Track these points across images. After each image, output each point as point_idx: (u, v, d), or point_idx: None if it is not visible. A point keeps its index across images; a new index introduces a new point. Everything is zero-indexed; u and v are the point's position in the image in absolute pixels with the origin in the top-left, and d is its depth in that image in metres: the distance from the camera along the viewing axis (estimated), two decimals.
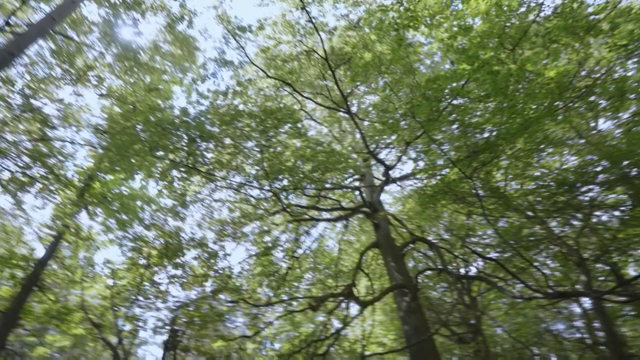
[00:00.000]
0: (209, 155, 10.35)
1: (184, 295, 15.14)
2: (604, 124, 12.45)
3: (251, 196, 11.12)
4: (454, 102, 8.63)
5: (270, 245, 14.37)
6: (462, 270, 14.72)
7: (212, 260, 13.56)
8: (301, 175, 9.53)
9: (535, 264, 12.40)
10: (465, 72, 6.93)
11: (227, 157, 9.86)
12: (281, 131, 9.68)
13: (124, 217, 13.52)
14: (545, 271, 13.29)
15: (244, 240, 14.01)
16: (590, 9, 8.21)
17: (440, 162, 10.74)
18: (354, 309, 18.29)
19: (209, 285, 14.29)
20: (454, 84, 8.08)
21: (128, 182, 13.41)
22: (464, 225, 13.18)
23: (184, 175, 9.81)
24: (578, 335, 15.71)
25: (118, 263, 15.73)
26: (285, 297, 13.33)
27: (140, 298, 14.41)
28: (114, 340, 16.05)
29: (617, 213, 11.39)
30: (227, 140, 10.17)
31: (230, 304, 13.28)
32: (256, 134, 9.40)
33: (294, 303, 13.22)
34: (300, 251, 15.18)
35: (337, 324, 17.38)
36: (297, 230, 14.88)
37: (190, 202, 11.35)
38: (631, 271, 13.79)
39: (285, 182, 10.32)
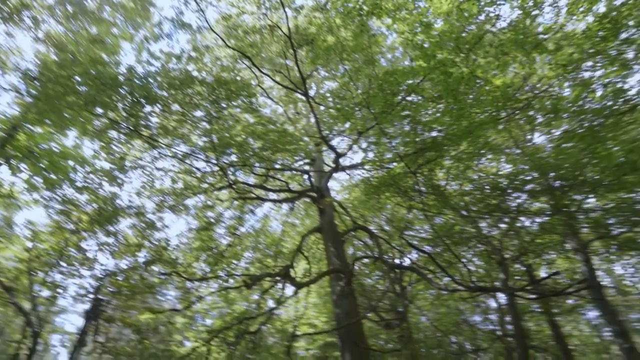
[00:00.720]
0: (154, 120, 9.76)
1: (114, 264, 14.38)
2: (538, 138, 13.51)
3: (196, 168, 10.70)
4: (408, 98, 8.86)
5: (212, 220, 14.02)
6: (397, 261, 15.42)
7: (149, 231, 12.97)
8: (250, 152, 9.32)
9: (463, 260, 13.34)
10: (422, 69, 7.12)
11: (174, 124, 9.36)
12: (234, 104, 9.35)
13: (53, 176, 12.41)
14: (470, 267, 14.32)
15: (185, 214, 13.55)
16: (540, 28, 8.77)
17: (388, 155, 11.06)
18: (290, 290, 18.55)
19: (142, 256, 13.69)
20: (410, 81, 8.29)
21: (59, 139, 12.26)
22: (403, 219, 13.77)
23: (124, 137, 9.17)
24: (491, 327, 17.25)
25: (41, 225, 14.51)
26: (221, 274, 13.15)
27: (63, 264, 13.44)
28: (27, 306, 14.89)
29: (538, 220, 12.52)
30: (176, 107, 9.64)
31: (163, 277, 12.83)
32: (207, 103, 9.00)
33: (230, 280, 13.09)
34: (242, 229, 15.00)
35: (271, 304, 17.56)
36: (242, 208, 14.65)
37: (129, 167, 10.67)
38: (542, 272, 15.31)
39: (233, 158, 10.05)
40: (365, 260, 17.11)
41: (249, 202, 13.99)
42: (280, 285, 12.56)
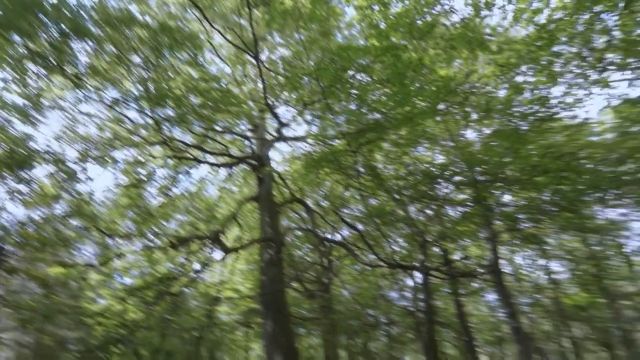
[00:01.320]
0: (84, 59, 8.78)
1: (24, 214, 13.00)
2: (470, 134, 14.43)
3: (127, 118, 9.91)
4: (358, 77, 8.94)
5: (143, 178, 13.21)
6: (328, 236, 15.90)
7: (69, 181, 11.87)
8: (189, 109, 8.82)
9: (389, 239, 14.15)
10: (374, 49, 7.18)
11: (105, 66, 8.50)
12: (177, 55, 8.71)
13: None
14: (394, 247, 15.26)
15: (112, 167, 12.57)
16: (487, 29, 9.24)
17: (331, 132, 11.17)
18: (218, 255, 18.35)
19: (59, 208, 12.54)
20: (362, 60, 8.35)
21: None
22: (340, 196, 14.14)
23: (44, 72, 8.15)
24: (405, 304, 18.68)
25: None
26: (148, 233, 12.57)
27: None
28: None
29: (460, 209, 13.61)
30: (110, 48, 8.74)
31: (81, 231, 11.91)
32: (147, 49, 8.28)
33: (157, 241, 12.58)
34: (175, 190, 14.38)
35: (197, 267, 17.28)
36: (177, 168, 13.98)
37: (47, 107, 9.56)
38: (456, 257, 16.81)
39: (170, 113, 9.45)
40: (299, 233, 17.44)
41: (184, 163, 13.36)
42: (209, 249, 12.38)
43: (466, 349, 16.42)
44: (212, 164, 13.56)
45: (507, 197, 13.96)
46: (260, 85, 11.89)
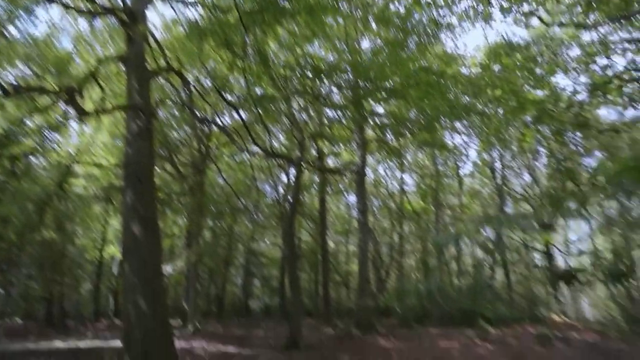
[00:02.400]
0: None
1: None
2: (365, 41, 14.62)
3: None
4: None
5: None
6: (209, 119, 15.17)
7: None
8: None
9: (270, 133, 14.29)
10: None
11: None
12: None
13: None
14: (274, 141, 15.60)
15: None
16: None
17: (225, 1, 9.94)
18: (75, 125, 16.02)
19: None
20: None
21: None
22: (223, 77, 13.25)
23: None
24: (275, 196, 19.89)
25: None
26: None
27: None
28: None
29: (339, 112, 14.31)
30: None
31: None
32: None
33: None
34: (13, 31, 11.35)
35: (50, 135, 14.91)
36: (17, 1, 10.84)
37: None
38: (329, 160, 18.24)
39: None
40: (175, 112, 16.18)
41: None
42: (60, 115, 10.60)
43: (320, 237, 18.84)
44: (67, 6, 10.89)
45: (381, 109, 15.18)
46: None
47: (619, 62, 13.54)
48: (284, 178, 20.64)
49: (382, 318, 16.59)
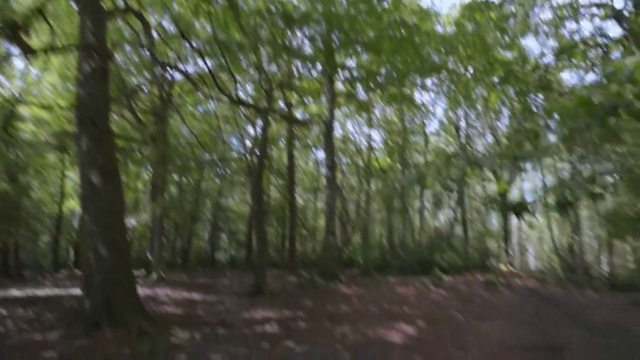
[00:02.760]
0: None
1: None
2: None
3: None
4: None
5: None
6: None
7: None
8: None
9: (237, 83, 13.75)
10: None
11: None
12: None
13: None
14: (240, 93, 15.08)
15: None
16: None
17: None
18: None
19: None
20: None
21: None
22: (188, 21, 12.39)
23: None
24: (241, 150, 19.59)
25: None
26: None
27: None
28: None
29: (309, 65, 13.92)
30: None
31: None
32: None
33: None
34: None
35: None
36: None
37: None
38: (298, 113, 17.94)
39: None
40: (133, 58, 15.13)
41: None
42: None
43: (288, 192, 18.96)
44: None
45: (352, 63, 14.90)
46: None
47: (586, 28, 13.84)
48: (251, 131, 20.25)
49: (345, 269, 17.34)
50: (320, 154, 22.82)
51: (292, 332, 6.48)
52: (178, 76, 14.99)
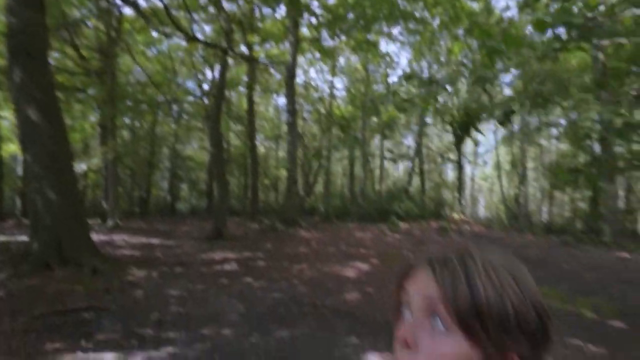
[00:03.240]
0: None
1: None
2: None
3: None
4: None
5: None
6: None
7: None
8: None
9: (194, 21, 12.79)
10: None
11: None
12: None
13: None
14: (198, 33, 14.07)
15: None
16: None
17: None
18: None
19: None
20: None
21: None
22: None
23: None
24: (199, 94, 18.69)
25: None
26: None
27: None
28: None
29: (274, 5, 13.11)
30: None
31: None
32: None
33: None
34: None
35: None
36: None
37: None
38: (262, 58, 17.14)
39: None
40: None
41: None
42: None
43: (248, 139, 18.58)
44: None
45: (317, 7, 14.20)
46: None
47: None
48: (209, 74, 19.26)
49: (307, 217, 17.74)
50: (282, 101, 22.32)
51: (252, 270, 6.66)
52: (128, 11, 13.69)
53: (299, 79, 22.56)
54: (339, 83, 23.67)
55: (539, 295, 0.44)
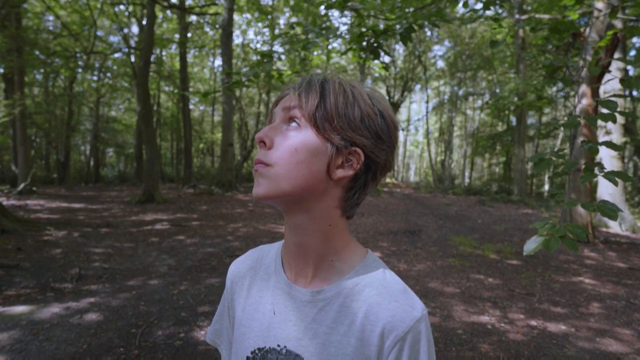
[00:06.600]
0: None
1: None
2: None
3: None
4: None
5: None
6: None
7: None
8: None
9: None
10: None
11: None
12: None
13: None
14: None
15: None
16: None
17: None
18: None
19: None
20: None
21: None
22: None
23: None
24: (124, 49, 17.06)
25: None
26: None
27: None
28: None
29: None
30: None
31: None
32: None
33: None
34: None
35: None
36: None
37: None
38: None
39: None
40: None
41: None
42: None
43: (180, 101, 17.58)
44: None
45: None
46: None
47: None
48: (135, 30, 17.60)
49: (245, 183, 17.53)
50: (218, 62, 21.24)
51: (184, 229, 6.55)
52: None
53: (237, 40, 21.60)
54: (279, 48, 22.94)
55: (390, 110, 0.52)
